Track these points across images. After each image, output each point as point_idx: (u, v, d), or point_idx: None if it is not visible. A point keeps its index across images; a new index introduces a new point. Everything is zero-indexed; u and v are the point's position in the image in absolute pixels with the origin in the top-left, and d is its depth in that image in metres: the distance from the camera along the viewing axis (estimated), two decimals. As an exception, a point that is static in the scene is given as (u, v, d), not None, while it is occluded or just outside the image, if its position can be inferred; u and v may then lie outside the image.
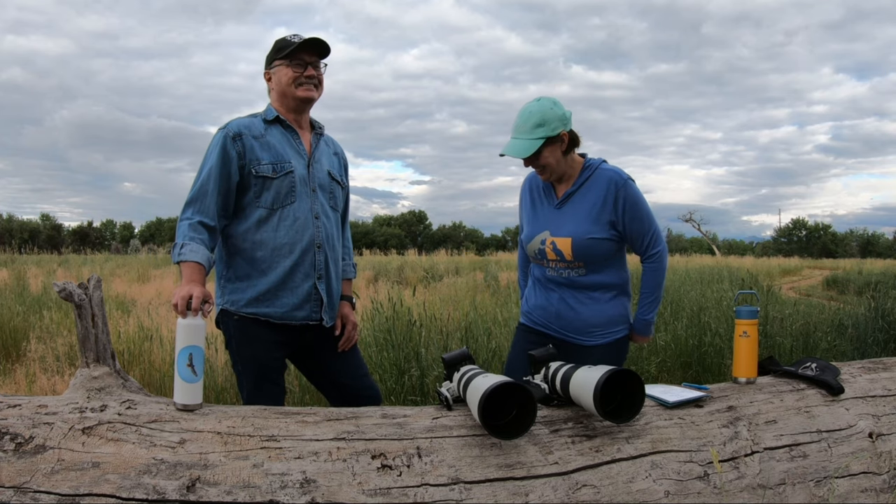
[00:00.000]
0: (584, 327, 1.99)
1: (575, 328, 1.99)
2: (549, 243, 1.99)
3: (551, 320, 2.03)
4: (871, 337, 4.71)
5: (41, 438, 1.28)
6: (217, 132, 1.88)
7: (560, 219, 1.98)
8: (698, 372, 4.19)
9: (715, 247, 39.55)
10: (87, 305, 1.53)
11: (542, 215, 2.03)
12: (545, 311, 2.05)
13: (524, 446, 1.38)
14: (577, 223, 1.95)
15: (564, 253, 1.96)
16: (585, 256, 1.95)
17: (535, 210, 2.06)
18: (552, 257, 1.99)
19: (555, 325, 2.03)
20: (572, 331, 2.00)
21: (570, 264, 1.98)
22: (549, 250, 1.99)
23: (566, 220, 1.97)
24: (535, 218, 2.05)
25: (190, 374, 1.44)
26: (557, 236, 1.97)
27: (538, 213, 2.05)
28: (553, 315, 2.03)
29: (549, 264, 2.02)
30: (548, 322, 2.04)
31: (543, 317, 2.05)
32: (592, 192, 1.96)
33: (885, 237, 44.40)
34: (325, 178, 1.97)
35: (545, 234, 2.00)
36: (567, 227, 1.96)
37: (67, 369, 4.13)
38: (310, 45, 1.88)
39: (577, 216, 1.96)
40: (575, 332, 1.99)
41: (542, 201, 2.06)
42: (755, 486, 1.45)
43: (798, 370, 1.81)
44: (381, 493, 1.25)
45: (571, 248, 1.94)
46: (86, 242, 36.68)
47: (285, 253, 1.85)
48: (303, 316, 1.89)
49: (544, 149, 1.89)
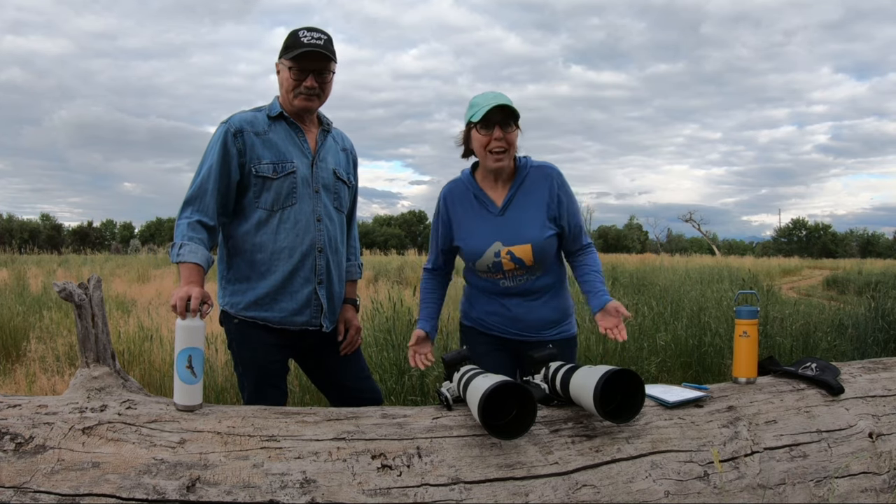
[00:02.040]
0: (543, 325, 1.94)
1: (534, 328, 1.94)
2: (504, 254, 1.87)
3: (508, 325, 1.95)
4: (871, 337, 4.71)
5: (41, 438, 1.28)
6: (219, 127, 1.82)
7: (510, 226, 1.87)
8: (698, 372, 4.19)
9: (715, 247, 39.57)
10: (87, 305, 1.53)
11: (486, 226, 1.89)
12: (501, 317, 1.95)
13: (524, 446, 1.38)
14: (532, 228, 1.87)
15: (525, 260, 1.87)
16: (543, 259, 1.89)
17: (473, 222, 1.91)
18: (510, 267, 1.88)
19: (512, 328, 1.95)
20: (532, 330, 1.94)
21: (528, 270, 1.89)
22: (507, 261, 1.88)
23: (518, 227, 1.87)
24: (478, 230, 1.90)
25: (189, 376, 1.44)
26: (514, 244, 1.86)
27: (479, 224, 1.90)
28: (510, 319, 1.94)
29: (505, 275, 1.91)
30: (504, 326, 1.96)
31: (500, 322, 1.96)
32: (535, 192, 1.89)
33: (885, 237, 44.40)
34: (330, 178, 1.91)
35: (497, 246, 1.87)
36: (522, 233, 1.86)
37: (67, 369, 4.13)
38: (314, 54, 1.79)
39: (527, 220, 1.87)
40: (534, 331, 1.94)
41: (475, 212, 1.91)
42: (755, 486, 1.45)
43: (798, 370, 1.81)
44: (381, 493, 1.25)
45: (532, 254, 1.86)
46: (86, 242, 36.64)
47: (285, 257, 1.82)
48: (302, 321, 1.86)
49: (516, 127, 1.82)
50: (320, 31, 1.81)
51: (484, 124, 1.80)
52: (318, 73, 1.82)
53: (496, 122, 1.79)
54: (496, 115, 1.79)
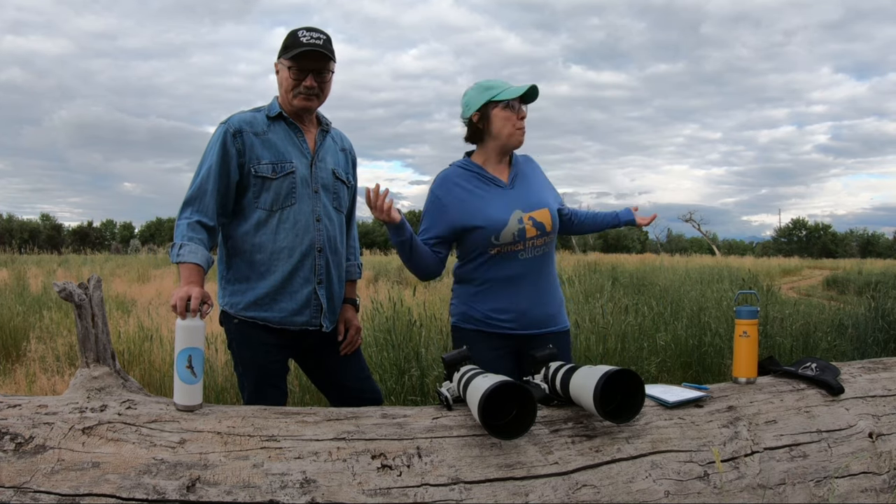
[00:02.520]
0: (547, 319, 1.98)
1: (539, 321, 1.96)
2: (527, 220, 1.94)
3: (515, 319, 1.95)
4: (871, 337, 4.71)
5: (41, 438, 1.28)
6: (218, 127, 1.82)
7: (524, 195, 1.97)
8: (698, 372, 4.19)
9: (715, 247, 39.56)
10: (87, 305, 1.53)
11: (502, 199, 1.95)
12: (510, 312, 1.95)
13: (524, 446, 1.38)
14: (543, 194, 2.02)
15: (546, 224, 1.96)
16: (555, 227, 2.00)
17: (487, 198, 1.95)
18: (533, 234, 1.94)
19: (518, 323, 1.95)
20: (537, 324, 1.96)
21: (548, 237, 1.98)
22: (530, 226, 1.94)
23: (531, 195, 1.98)
24: (496, 203, 1.94)
25: (189, 376, 1.44)
26: (534, 210, 1.95)
27: (494, 199, 1.95)
28: (518, 314, 1.94)
29: (526, 245, 1.93)
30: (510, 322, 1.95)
31: (507, 318, 1.95)
32: (530, 171, 2.06)
33: (885, 237, 44.40)
34: (329, 178, 1.91)
35: (518, 213, 1.93)
36: (537, 199, 1.98)
37: (67, 369, 4.13)
38: (314, 54, 1.79)
39: (538, 188, 2.02)
40: (539, 325, 1.96)
41: (486, 189, 1.96)
42: (755, 486, 1.45)
43: (798, 370, 1.81)
44: (381, 493, 1.25)
45: (551, 218, 1.97)
46: (86, 242, 36.63)
47: (284, 257, 1.82)
48: (302, 321, 1.86)
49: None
50: (319, 31, 1.82)
51: (506, 105, 1.93)
52: (317, 73, 1.82)
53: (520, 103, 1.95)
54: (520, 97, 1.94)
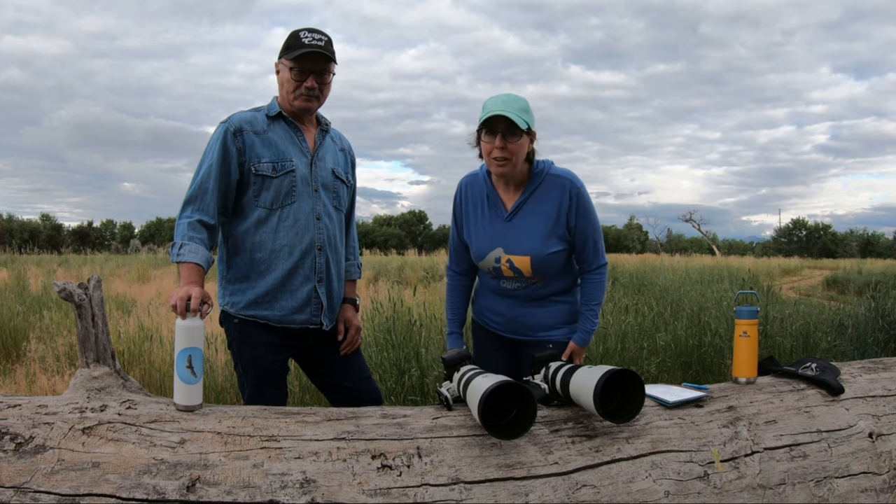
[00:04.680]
0: (540, 327, 1.93)
1: (531, 329, 1.94)
2: (504, 261, 1.86)
3: (505, 324, 1.96)
4: (871, 337, 4.71)
5: (41, 438, 1.28)
6: (218, 126, 1.83)
7: (513, 234, 1.85)
8: (698, 372, 4.19)
9: (715, 247, 39.59)
10: (87, 305, 1.53)
11: (492, 229, 1.87)
12: (500, 316, 1.96)
13: (524, 446, 1.38)
14: (534, 240, 1.83)
15: (523, 271, 1.85)
16: (544, 271, 1.86)
17: (481, 223, 1.90)
18: (509, 275, 1.88)
19: (508, 328, 1.96)
20: (529, 331, 1.94)
21: (528, 280, 1.88)
22: (506, 268, 1.87)
23: (521, 237, 1.84)
24: (484, 232, 1.89)
25: (189, 376, 1.44)
26: (514, 254, 1.84)
27: (486, 226, 1.89)
28: (507, 319, 1.95)
29: (504, 281, 1.91)
30: (501, 325, 1.97)
31: (498, 321, 1.97)
32: (546, 202, 1.83)
33: (884, 237, 44.35)
34: (329, 177, 1.92)
35: (499, 252, 1.86)
36: (524, 244, 1.83)
37: (67, 369, 4.13)
38: (315, 55, 1.79)
39: (532, 231, 1.83)
40: (531, 332, 1.94)
41: (486, 213, 1.89)
42: (755, 486, 1.45)
43: (798, 370, 1.81)
44: (381, 493, 1.25)
45: (531, 266, 1.84)
46: (86, 242, 36.62)
47: (284, 255, 1.82)
48: (302, 320, 1.86)
49: (523, 135, 1.75)
50: (321, 33, 1.82)
51: (488, 130, 1.76)
52: (318, 74, 1.83)
53: (499, 130, 1.73)
54: (499, 124, 1.73)
